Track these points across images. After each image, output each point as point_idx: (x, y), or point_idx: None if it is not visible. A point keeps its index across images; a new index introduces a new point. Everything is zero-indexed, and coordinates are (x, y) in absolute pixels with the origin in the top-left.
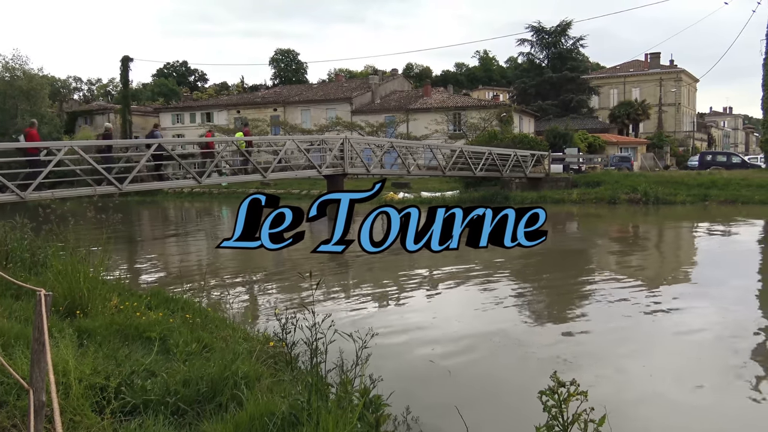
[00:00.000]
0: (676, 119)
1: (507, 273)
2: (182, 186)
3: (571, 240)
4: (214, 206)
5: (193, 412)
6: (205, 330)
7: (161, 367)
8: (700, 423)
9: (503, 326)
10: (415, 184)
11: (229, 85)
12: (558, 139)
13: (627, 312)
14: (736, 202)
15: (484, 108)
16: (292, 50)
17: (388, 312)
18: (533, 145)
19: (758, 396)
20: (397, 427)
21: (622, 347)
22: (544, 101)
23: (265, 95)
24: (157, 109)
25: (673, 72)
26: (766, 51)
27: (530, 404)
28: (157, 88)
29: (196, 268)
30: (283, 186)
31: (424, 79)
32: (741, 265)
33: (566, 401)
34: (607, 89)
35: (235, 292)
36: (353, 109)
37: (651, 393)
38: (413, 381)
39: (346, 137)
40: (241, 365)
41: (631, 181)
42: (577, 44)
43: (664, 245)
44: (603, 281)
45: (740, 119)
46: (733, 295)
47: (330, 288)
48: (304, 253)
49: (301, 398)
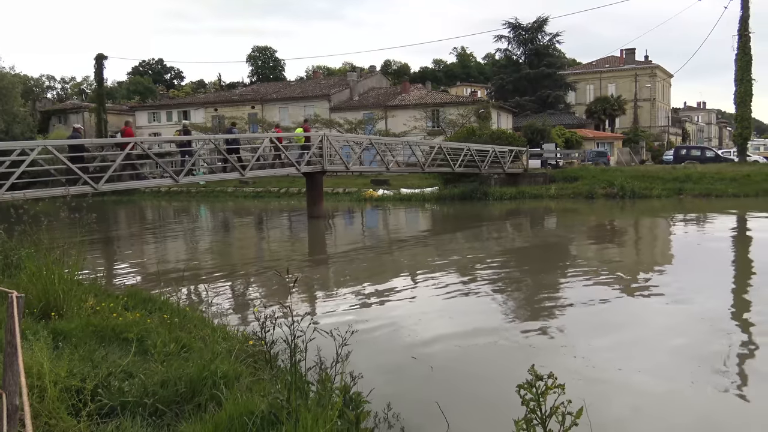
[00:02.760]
0: (651, 114)
1: (487, 268)
2: (159, 185)
3: (550, 235)
4: (192, 205)
5: (171, 413)
6: (184, 330)
7: (139, 368)
8: (676, 414)
9: (484, 321)
10: (395, 180)
11: (206, 82)
12: (536, 134)
13: (605, 306)
14: (710, 195)
15: (462, 104)
16: (270, 47)
17: (368, 309)
18: (511, 141)
19: (733, 388)
20: (378, 423)
21: (600, 340)
22: (522, 97)
23: (242, 93)
24: (133, 108)
25: (647, 68)
26: (738, 47)
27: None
28: (133, 87)
29: (174, 267)
30: (262, 184)
31: (402, 75)
32: (715, 257)
33: (544, 394)
34: (583, 85)
35: (214, 291)
36: (331, 106)
37: (628, 385)
38: (394, 377)
39: (324, 134)
40: (220, 365)
41: (607, 175)
42: (553, 40)
43: (641, 239)
44: (581, 275)
45: (713, 114)
46: (707, 287)
47: (310, 285)
48: (284, 252)
49: (281, 397)
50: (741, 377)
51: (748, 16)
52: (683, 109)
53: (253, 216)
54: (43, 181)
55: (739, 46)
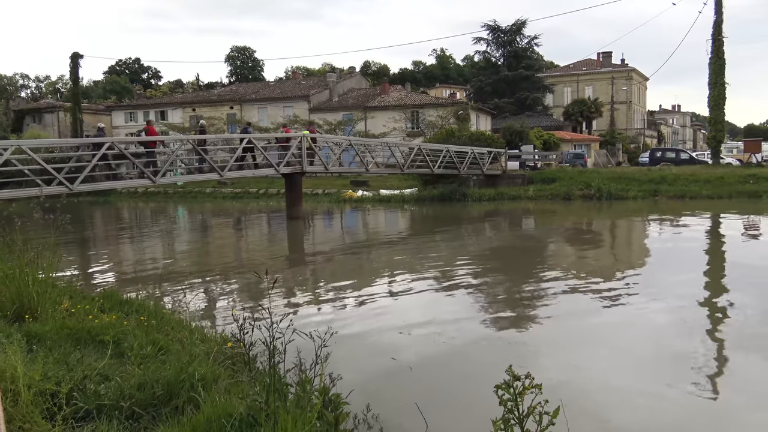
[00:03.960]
0: (628, 117)
1: (466, 269)
2: (136, 185)
3: (528, 236)
4: (169, 206)
5: (148, 416)
6: (161, 332)
7: (115, 371)
8: (652, 413)
9: (463, 322)
10: (374, 181)
11: (184, 82)
12: (514, 136)
13: (582, 305)
14: (684, 196)
15: (441, 106)
16: (249, 48)
17: (348, 310)
18: (490, 143)
19: (708, 388)
20: (358, 425)
21: (577, 341)
22: (501, 99)
23: (221, 93)
24: (110, 107)
25: (624, 71)
26: (711, 51)
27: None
28: (109, 86)
29: (151, 269)
30: (241, 185)
31: (381, 77)
32: (689, 257)
33: (521, 394)
34: (561, 87)
35: (192, 293)
36: (311, 107)
37: (605, 384)
38: (374, 378)
39: (304, 135)
40: (198, 367)
41: (585, 177)
42: (531, 43)
43: (617, 240)
44: (558, 276)
45: (688, 117)
46: (683, 286)
47: (289, 287)
48: (263, 253)
49: (259, 399)
50: (716, 378)
51: (722, 21)
52: (659, 112)
53: (231, 217)
54: (17, 181)
55: (712, 50)
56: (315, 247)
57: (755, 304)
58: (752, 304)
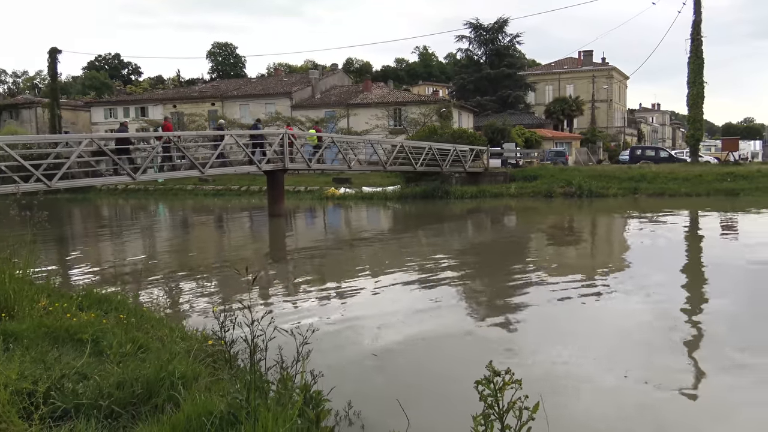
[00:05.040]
0: (608, 115)
1: (448, 266)
2: (116, 182)
3: (510, 233)
4: (150, 203)
5: (127, 414)
6: (141, 330)
7: (94, 369)
8: (632, 409)
9: (444, 319)
10: (356, 179)
11: (165, 78)
12: (496, 134)
13: (563, 302)
14: (663, 194)
15: (424, 103)
16: (230, 44)
17: (330, 307)
18: (472, 140)
19: (690, 382)
20: (339, 422)
21: (558, 336)
22: (483, 97)
23: (202, 89)
24: (89, 104)
25: (604, 69)
26: (690, 50)
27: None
28: (89, 82)
29: (131, 266)
30: (222, 182)
31: (364, 74)
32: (668, 254)
33: (501, 390)
34: (542, 86)
35: (173, 291)
36: (293, 103)
37: (586, 380)
38: (356, 375)
39: (285, 132)
40: (178, 365)
41: (566, 175)
42: (513, 41)
43: (598, 237)
44: (540, 273)
45: (667, 115)
46: (663, 283)
47: (271, 284)
48: (245, 250)
49: (240, 396)
50: (693, 372)
51: (701, 21)
52: (639, 111)
53: (213, 214)
54: None
55: (691, 49)
56: (297, 244)
57: (732, 300)
58: (729, 299)
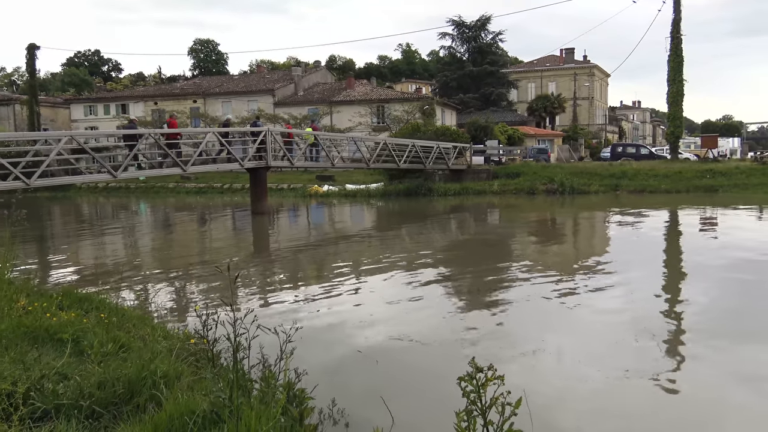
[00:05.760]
0: (590, 112)
1: (431, 263)
2: (96, 180)
3: (493, 230)
4: (131, 201)
5: (109, 414)
6: (122, 329)
7: (74, 369)
8: (614, 403)
9: (428, 315)
10: (340, 176)
11: (146, 75)
12: (479, 131)
13: (546, 299)
14: (644, 191)
15: (407, 101)
16: (212, 41)
17: (314, 304)
18: (455, 138)
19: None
20: (323, 419)
21: (541, 332)
22: (466, 94)
23: (184, 86)
24: (68, 100)
25: (586, 67)
26: (670, 48)
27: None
28: (68, 78)
29: (112, 265)
30: (205, 180)
31: (347, 71)
32: (649, 250)
33: (484, 386)
34: (525, 83)
35: (155, 290)
36: (276, 101)
37: (568, 376)
38: (340, 372)
39: (268, 129)
40: (160, 364)
41: (548, 172)
42: (496, 39)
43: (580, 233)
44: (523, 269)
45: (648, 113)
46: (643, 280)
47: (254, 282)
48: (228, 249)
49: (223, 395)
50: (672, 367)
51: (680, 20)
52: (620, 108)
53: (195, 212)
54: None
55: (671, 47)
56: (280, 242)
57: (710, 294)
58: (707, 294)
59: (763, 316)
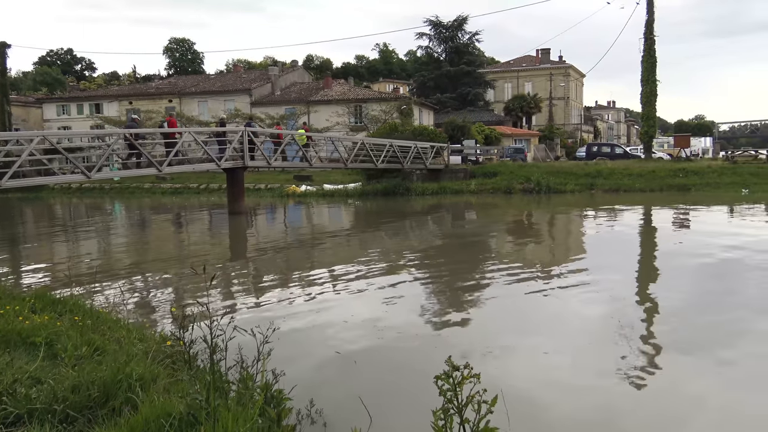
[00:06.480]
0: (566, 112)
1: (409, 262)
2: (70, 181)
3: (471, 229)
4: (105, 202)
5: (83, 418)
6: (97, 332)
7: (48, 373)
8: (591, 400)
9: (406, 315)
10: (317, 176)
11: (120, 74)
12: (456, 131)
13: (522, 297)
14: (619, 190)
15: (384, 100)
16: (188, 39)
17: (291, 305)
18: (433, 138)
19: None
20: (301, 420)
21: (518, 330)
22: (443, 94)
23: (159, 86)
24: (40, 100)
25: (561, 67)
26: (643, 49)
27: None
28: (40, 77)
29: (86, 267)
30: (181, 180)
31: (324, 70)
32: (624, 248)
33: (460, 384)
34: (501, 83)
35: (130, 291)
36: (253, 100)
37: (546, 373)
38: (318, 373)
39: (245, 129)
40: (136, 367)
41: (525, 171)
42: (473, 39)
43: (556, 232)
44: (500, 268)
45: (622, 112)
46: (618, 277)
47: (231, 283)
48: (204, 249)
49: (200, 397)
50: (646, 366)
51: (653, 21)
52: (595, 108)
53: (171, 213)
54: None
55: (644, 48)
56: (258, 242)
57: (684, 290)
58: (680, 289)
59: (736, 310)
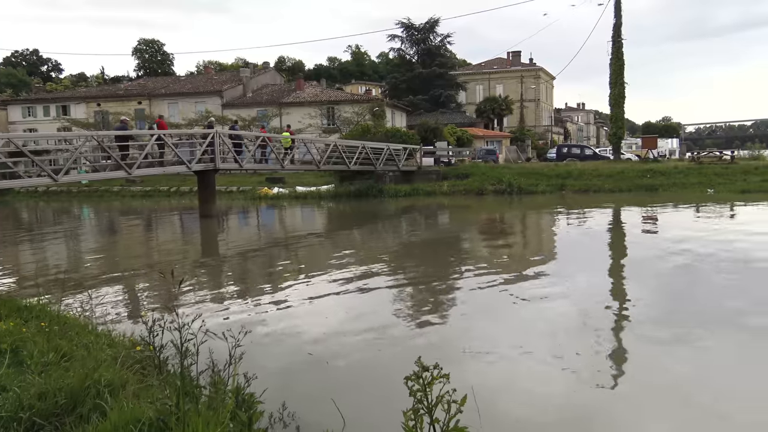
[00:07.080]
0: (536, 114)
1: (381, 264)
2: (36, 185)
3: (443, 230)
4: (73, 206)
5: (51, 426)
6: (65, 338)
7: (13, 381)
8: (561, 398)
9: (378, 316)
10: (290, 178)
11: (88, 76)
12: (429, 133)
13: (494, 296)
14: (589, 190)
15: (357, 102)
16: (157, 41)
17: (263, 308)
18: (405, 139)
19: (618, 371)
20: (273, 423)
21: (490, 330)
22: (415, 96)
23: (128, 87)
24: (5, 102)
25: (532, 70)
26: (612, 52)
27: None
28: (5, 79)
29: (53, 272)
30: (151, 183)
31: (296, 72)
32: (593, 248)
33: (430, 384)
34: (473, 85)
35: (99, 296)
36: (224, 102)
37: (517, 372)
38: (290, 375)
39: (216, 131)
40: (105, 373)
41: (496, 172)
42: (444, 41)
43: (527, 233)
44: (472, 268)
45: (592, 114)
46: (588, 276)
47: (202, 287)
48: (175, 253)
49: (170, 402)
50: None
51: (621, 24)
52: (565, 110)
53: (141, 216)
54: None
55: (612, 51)
56: (229, 245)
57: (652, 287)
58: (649, 287)
59: (702, 306)
